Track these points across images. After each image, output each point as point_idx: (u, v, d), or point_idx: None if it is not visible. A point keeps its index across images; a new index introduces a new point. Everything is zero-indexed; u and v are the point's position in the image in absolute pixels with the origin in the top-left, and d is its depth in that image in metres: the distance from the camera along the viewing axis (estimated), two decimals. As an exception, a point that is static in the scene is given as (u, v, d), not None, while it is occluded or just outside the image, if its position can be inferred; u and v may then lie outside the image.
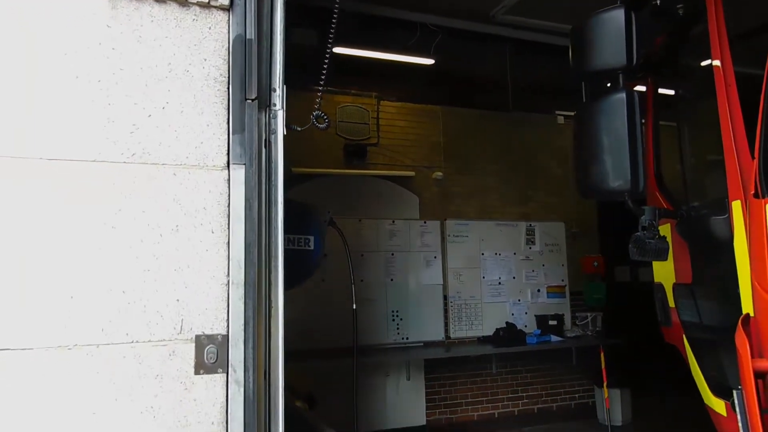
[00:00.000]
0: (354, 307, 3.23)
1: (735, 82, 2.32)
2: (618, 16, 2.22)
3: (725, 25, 2.42)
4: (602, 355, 7.26)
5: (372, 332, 6.73)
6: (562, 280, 8.10)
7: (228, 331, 1.89)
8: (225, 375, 1.88)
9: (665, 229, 2.92)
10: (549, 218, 8.08)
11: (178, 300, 1.85)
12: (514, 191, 8.03)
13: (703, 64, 2.61)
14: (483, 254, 7.67)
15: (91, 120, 1.82)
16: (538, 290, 7.94)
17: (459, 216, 7.59)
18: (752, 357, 1.81)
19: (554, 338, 7.33)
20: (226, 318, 1.90)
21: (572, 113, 7.64)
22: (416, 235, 7.23)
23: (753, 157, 2.08)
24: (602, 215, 8.44)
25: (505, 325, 7.37)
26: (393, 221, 7.09)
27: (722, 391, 2.46)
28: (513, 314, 7.69)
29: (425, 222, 7.30)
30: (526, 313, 7.78)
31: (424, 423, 7.01)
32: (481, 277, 7.65)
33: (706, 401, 2.64)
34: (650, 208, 2.34)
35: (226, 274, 1.92)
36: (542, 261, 8.01)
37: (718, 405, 2.48)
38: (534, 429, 7.41)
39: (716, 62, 2.41)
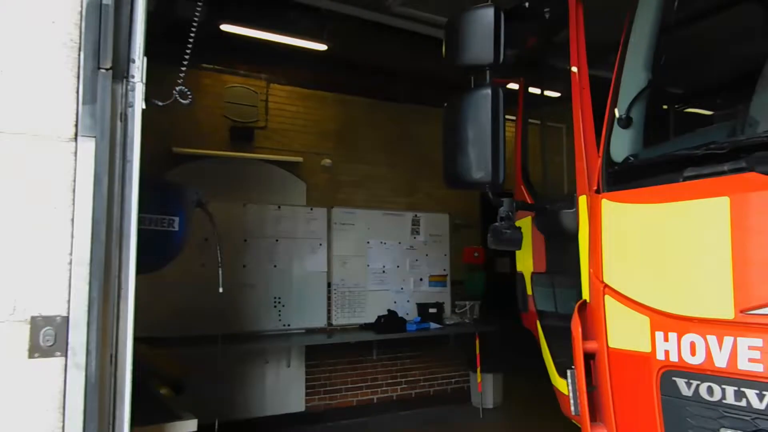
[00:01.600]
0: (221, 290, 3.14)
1: (589, 86, 2.47)
2: (487, 14, 2.29)
3: (584, 33, 2.58)
4: (477, 341, 7.62)
5: (252, 319, 6.63)
6: (444, 270, 8.38)
7: (69, 313, 1.78)
8: (64, 359, 1.76)
9: (527, 222, 3.10)
10: (434, 209, 8.31)
11: (11, 278, 1.71)
12: (402, 181, 8.18)
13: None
14: (369, 243, 7.76)
15: None
16: (421, 279, 8.16)
17: (346, 204, 7.63)
18: (585, 339, 1.97)
19: (433, 325, 7.57)
20: (67, 299, 1.78)
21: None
22: (302, 221, 7.18)
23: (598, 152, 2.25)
24: (485, 208, 8.82)
25: (387, 313, 7.51)
26: (279, 207, 6.99)
27: (564, 372, 2.66)
28: (396, 302, 7.86)
29: (312, 209, 7.27)
30: (408, 301, 7.97)
31: (303, 409, 7.01)
32: (366, 265, 7.74)
33: (553, 382, 2.85)
34: (508, 200, 2.46)
35: (69, 252, 1.79)
36: (426, 251, 8.24)
37: (562, 385, 2.68)
38: (411, 413, 7.63)
39: (573, 68, 2.57)
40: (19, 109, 1.76)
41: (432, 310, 7.74)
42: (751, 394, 1.45)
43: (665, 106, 2.31)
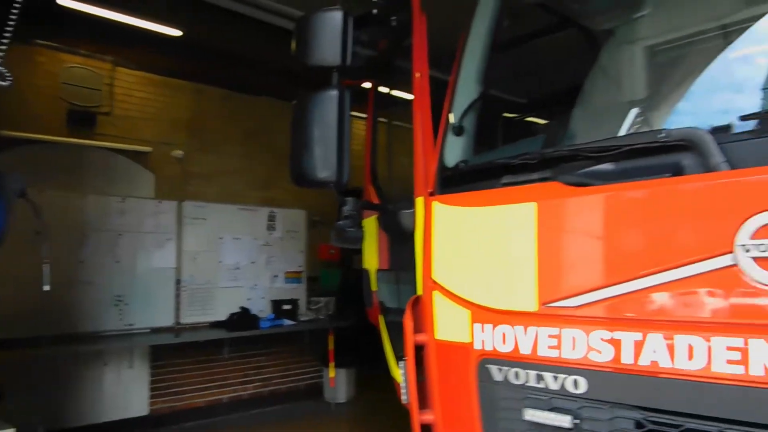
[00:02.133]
0: (47, 288, 2.91)
1: (428, 92, 2.61)
2: (336, 17, 2.34)
3: (427, 42, 2.72)
4: (331, 337, 7.73)
5: (89, 318, 6.16)
6: (300, 266, 8.39)
7: None
8: None
9: (372, 221, 3.22)
10: (291, 205, 8.28)
11: None
12: (258, 176, 8.06)
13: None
14: (222, 238, 7.56)
15: None
16: (276, 275, 8.10)
17: (198, 197, 7.36)
18: (416, 332, 2.10)
19: (287, 322, 7.57)
20: None
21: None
22: (150, 215, 6.81)
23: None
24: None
25: (239, 310, 7.37)
26: (123, 199, 6.57)
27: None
28: (249, 299, 7.73)
29: (160, 202, 6.92)
30: (262, 297, 7.88)
31: (147, 413, 6.67)
32: (218, 261, 7.53)
33: (392, 373, 2.99)
34: (352, 199, 2.55)
35: None
36: (282, 247, 8.19)
37: (399, 376, 2.82)
38: (263, 411, 7.56)
39: (417, 74, 2.71)
40: None
41: (286, 307, 7.73)
42: (548, 377, 1.64)
43: (494, 117, 2.52)
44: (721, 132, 1.49)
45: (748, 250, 1.32)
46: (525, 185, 1.79)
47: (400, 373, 2.17)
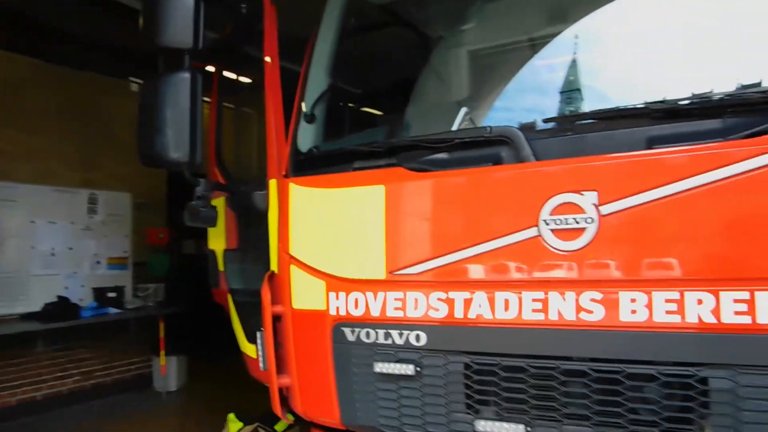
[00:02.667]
0: None
1: (279, 77, 2.74)
2: (187, 2, 2.37)
3: (277, 29, 2.85)
4: (161, 324, 7.48)
5: None
6: (125, 252, 7.96)
7: None
8: None
9: (220, 202, 3.28)
10: (115, 187, 7.80)
11: None
12: (78, 156, 7.48)
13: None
14: (34, 222, 6.92)
15: None
16: (98, 262, 7.61)
17: (6, 177, 6.65)
18: (273, 304, 2.27)
19: (113, 310, 7.18)
20: None
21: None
22: (-58, 196, 6.04)
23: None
24: (171, 188, 8.62)
25: (56, 299, 6.83)
26: None
27: (254, 338, 2.96)
28: (67, 287, 7.18)
29: (-42, 182, 6.16)
30: (83, 286, 7.36)
31: (-56, 416, 5.96)
32: (30, 247, 6.88)
33: (242, 348, 3.11)
34: (205, 180, 2.61)
35: None
36: (104, 231, 7.70)
37: (251, 350, 2.96)
38: (85, 406, 7.09)
39: (267, 58, 2.83)
40: None
41: (111, 294, 7.31)
42: (394, 334, 1.93)
43: (342, 107, 2.74)
44: (529, 130, 1.87)
45: (548, 224, 1.70)
46: (374, 170, 2.05)
47: (258, 342, 2.33)
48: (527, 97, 2.52)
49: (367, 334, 1.98)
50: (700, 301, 1.53)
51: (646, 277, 1.60)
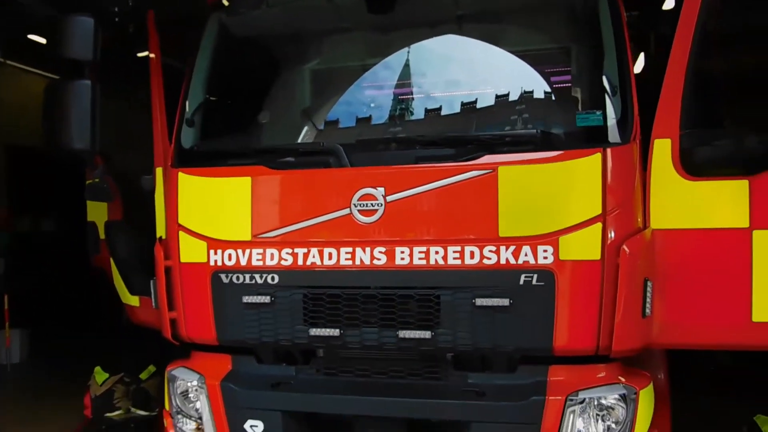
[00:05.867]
0: None
1: (162, 88, 3.50)
2: (89, 22, 3.00)
3: (159, 49, 3.58)
4: (6, 298, 7.57)
5: None
6: (-39, 229, 7.89)
7: None
8: None
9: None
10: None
11: None
12: None
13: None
14: None
15: None
16: (-67, 236, 7.51)
17: None
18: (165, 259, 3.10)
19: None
20: None
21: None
22: None
23: (170, 139, 3.32)
24: (11, 164, 8.59)
25: None
26: None
27: (134, 290, 3.74)
28: None
29: None
30: None
31: None
32: None
33: (124, 300, 3.85)
34: (103, 165, 3.35)
35: None
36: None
37: (133, 300, 3.74)
38: None
39: (152, 55, 3.53)
40: None
41: (-49, 268, 7.29)
42: (256, 276, 2.86)
43: (216, 114, 3.56)
44: (347, 146, 2.90)
45: (356, 206, 2.77)
46: (243, 166, 2.99)
47: (151, 287, 3.16)
48: (352, 114, 3.60)
49: (237, 278, 2.93)
50: (437, 252, 2.70)
51: (410, 238, 2.74)
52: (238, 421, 2.94)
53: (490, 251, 2.66)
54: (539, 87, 3.31)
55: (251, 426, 2.93)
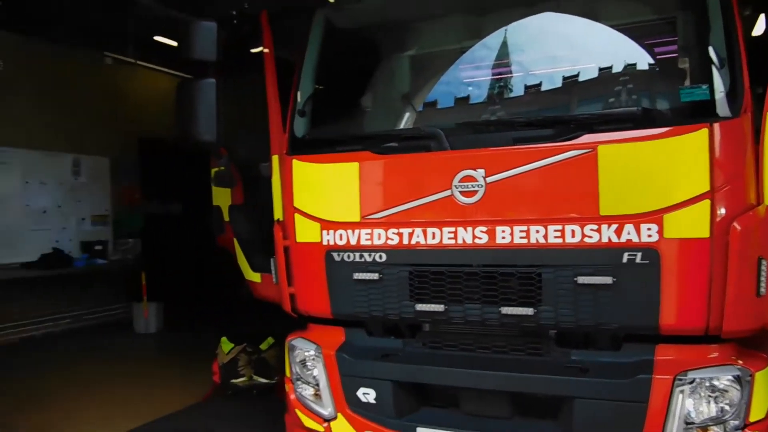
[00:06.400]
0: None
1: (276, 82, 3.77)
2: (212, 26, 3.33)
3: (272, 44, 3.85)
4: (143, 274, 8.45)
5: None
6: (106, 210, 8.84)
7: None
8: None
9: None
10: (95, 152, 8.63)
11: None
12: (61, 124, 8.24)
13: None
14: (27, 182, 7.73)
15: None
16: (83, 219, 8.48)
17: (2, 143, 7.41)
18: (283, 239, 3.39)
19: (100, 261, 8.11)
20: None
21: (119, 56, 8.35)
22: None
23: (285, 130, 3.60)
24: (144, 154, 9.47)
25: (51, 251, 7.71)
26: None
27: (256, 267, 4.09)
28: (58, 241, 8.06)
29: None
30: (71, 240, 8.25)
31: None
32: (24, 204, 7.70)
33: (247, 277, 4.23)
34: (227, 156, 3.68)
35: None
36: (87, 191, 8.56)
37: (255, 277, 4.10)
38: (76, 344, 8.02)
39: (266, 50, 3.81)
40: None
41: (98, 247, 8.23)
42: (366, 255, 3.08)
43: (325, 104, 3.80)
44: (446, 130, 3.02)
45: (457, 188, 2.89)
46: (351, 152, 3.19)
47: (272, 266, 3.47)
48: (450, 97, 3.70)
49: (348, 256, 3.16)
50: (537, 231, 2.76)
51: (510, 218, 2.82)
52: (352, 388, 3.19)
53: (592, 230, 2.69)
54: (642, 61, 3.23)
55: (363, 393, 3.17)
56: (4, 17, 7.27)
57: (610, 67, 3.26)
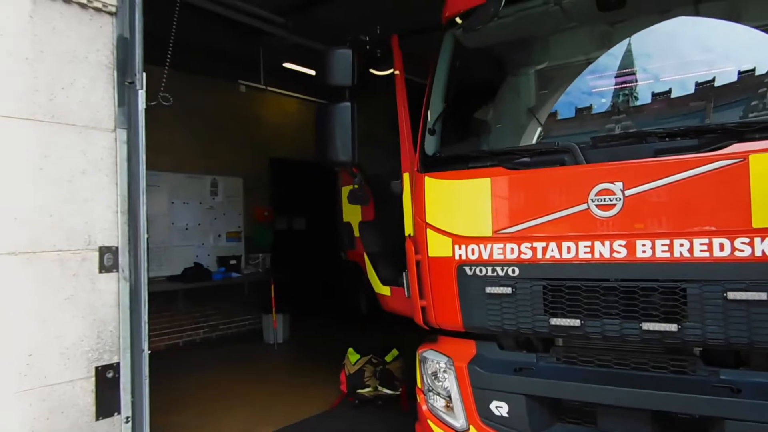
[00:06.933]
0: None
1: (407, 103, 3.95)
2: (348, 53, 3.57)
3: (403, 68, 4.05)
4: (272, 287, 8.95)
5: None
6: (239, 227, 9.49)
7: (118, 244, 2.69)
8: (117, 274, 2.68)
9: (347, 190, 4.53)
10: (230, 173, 9.32)
11: (86, 222, 2.58)
12: (201, 148, 8.99)
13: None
14: (173, 203, 8.49)
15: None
16: (219, 235, 9.16)
17: (151, 167, 8.19)
18: (415, 254, 3.52)
19: (235, 274, 8.71)
20: (117, 235, 2.70)
21: (251, 83, 8.98)
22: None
23: (415, 148, 3.76)
24: (273, 174, 10.09)
25: (192, 265, 8.40)
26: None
27: (386, 281, 4.25)
28: (197, 256, 8.76)
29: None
30: (208, 255, 8.94)
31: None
32: (170, 223, 8.47)
33: (377, 290, 4.41)
34: (360, 174, 3.89)
35: (117, 204, 2.70)
36: (223, 210, 9.25)
37: (384, 290, 4.26)
38: (212, 352, 8.66)
39: (397, 72, 4.01)
40: (83, 109, 2.59)
41: (233, 262, 8.85)
42: (498, 269, 3.14)
43: (454, 123, 3.92)
44: (581, 144, 3.02)
45: (594, 201, 2.87)
46: (483, 168, 3.26)
47: (404, 279, 3.61)
48: (580, 110, 3.67)
49: (480, 270, 3.22)
50: (681, 245, 2.68)
51: (651, 231, 2.76)
52: (484, 401, 3.23)
53: (743, 243, 2.57)
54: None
55: (496, 406, 3.19)
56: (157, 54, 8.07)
57: (752, 73, 3.10)
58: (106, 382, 2.78)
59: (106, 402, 2.79)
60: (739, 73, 3.12)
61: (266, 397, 6.32)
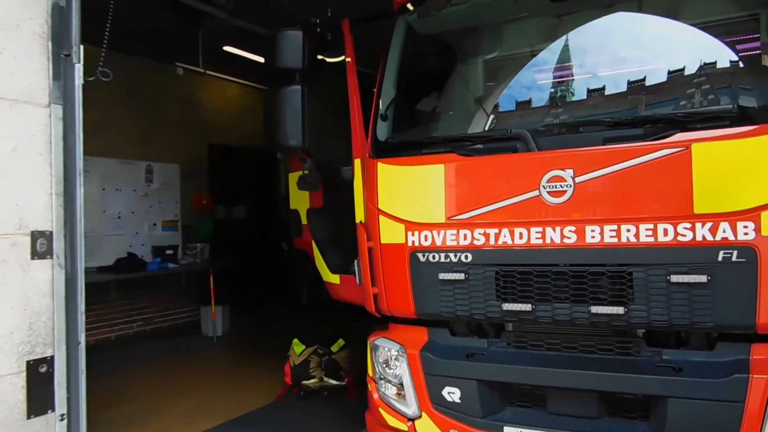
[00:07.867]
0: None
1: (358, 87, 3.87)
2: (298, 35, 3.47)
3: (354, 53, 3.97)
4: (212, 277, 8.69)
5: None
6: (176, 216, 9.16)
7: (53, 229, 2.50)
8: (51, 260, 2.50)
9: (297, 174, 4.43)
10: (166, 159, 8.97)
11: (17, 204, 2.39)
12: (135, 132, 8.60)
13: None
14: (104, 189, 8.10)
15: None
16: (155, 224, 8.82)
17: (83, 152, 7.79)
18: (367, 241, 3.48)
19: (171, 265, 8.40)
20: (51, 219, 2.51)
21: (190, 66, 8.69)
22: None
23: (367, 134, 3.70)
24: (212, 160, 9.79)
25: (126, 255, 8.05)
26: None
27: (335, 269, 4.19)
28: (131, 246, 8.40)
29: (50, 155, 7.29)
30: (143, 244, 8.58)
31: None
32: (102, 211, 8.07)
33: (326, 278, 4.34)
34: (311, 160, 3.80)
35: (51, 186, 2.51)
36: (159, 198, 8.89)
37: (334, 278, 4.20)
38: (147, 346, 8.31)
39: (348, 58, 3.93)
40: (14, 80, 2.39)
41: (169, 252, 8.53)
42: (451, 255, 3.13)
43: (405, 109, 3.89)
44: (533, 131, 3.05)
45: (545, 188, 2.91)
46: (436, 154, 3.25)
47: (355, 267, 3.56)
48: (531, 99, 3.72)
49: (433, 257, 3.21)
50: (628, 230, 2.76)
51: (600, 217, 2.82)
52: (436, 387, 3.23)
53: (685, 228, 2.67)
54: (724, 58, 3.19)
55: (449, 392, 3.21)
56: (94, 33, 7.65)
57: (694, 67, 3.23)
58: (38, 377, 2.60)
59: (38, 398, 2.62)
60: (680, 71, 3.23)
61: (207, 391, 6.14)
